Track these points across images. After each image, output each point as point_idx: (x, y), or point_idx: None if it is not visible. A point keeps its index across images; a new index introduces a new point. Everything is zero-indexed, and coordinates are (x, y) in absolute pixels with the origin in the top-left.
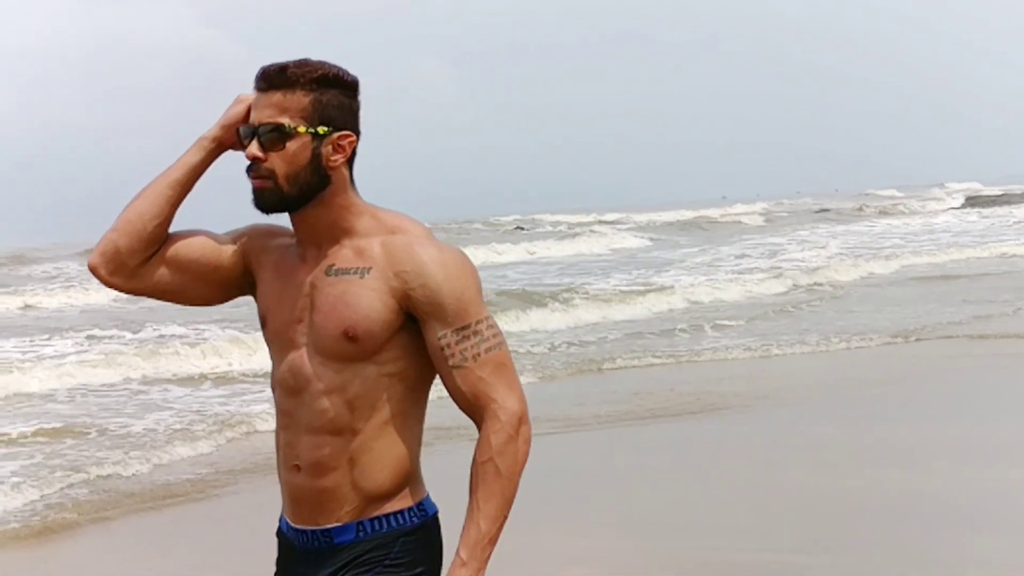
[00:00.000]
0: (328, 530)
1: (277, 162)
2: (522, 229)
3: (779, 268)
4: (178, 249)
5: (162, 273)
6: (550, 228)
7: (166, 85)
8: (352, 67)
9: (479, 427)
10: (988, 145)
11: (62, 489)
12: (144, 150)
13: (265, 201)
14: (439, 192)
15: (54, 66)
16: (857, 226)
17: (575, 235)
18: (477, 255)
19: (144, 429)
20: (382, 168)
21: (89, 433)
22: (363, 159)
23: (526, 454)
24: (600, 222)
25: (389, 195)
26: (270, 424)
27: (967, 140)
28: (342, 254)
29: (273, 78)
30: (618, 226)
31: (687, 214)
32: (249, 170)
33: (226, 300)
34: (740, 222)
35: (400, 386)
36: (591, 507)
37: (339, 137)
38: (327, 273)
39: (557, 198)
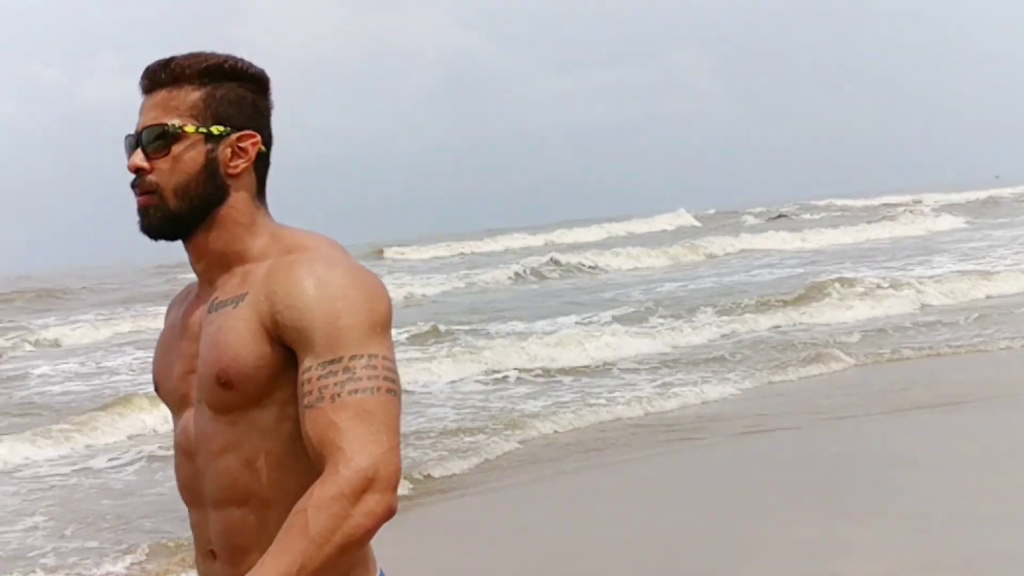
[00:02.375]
0: None
1: (163, 171)
2: (784, 217)
3: None
4: None
5: None
6: (827, 214)
7: (431, 88)
8: (607, 59)
9: None
10: None
11: None
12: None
13: (150, 221)
14: (700, 184)
15: (327, 76)
16: None
17: (876, 220)
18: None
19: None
20: (640, 162)
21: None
22: (628, 154)
23: (361, 529)
24: (886, 204)
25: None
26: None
27: None
28: (229, 284)
29: (156, 75)
30: (915, 208)
31: (977, 195)
32: (133, 186)
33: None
34: None
35: None
36: (879, 498)
37: (239, 138)
38: (210, 309)
39: (812, 185)
